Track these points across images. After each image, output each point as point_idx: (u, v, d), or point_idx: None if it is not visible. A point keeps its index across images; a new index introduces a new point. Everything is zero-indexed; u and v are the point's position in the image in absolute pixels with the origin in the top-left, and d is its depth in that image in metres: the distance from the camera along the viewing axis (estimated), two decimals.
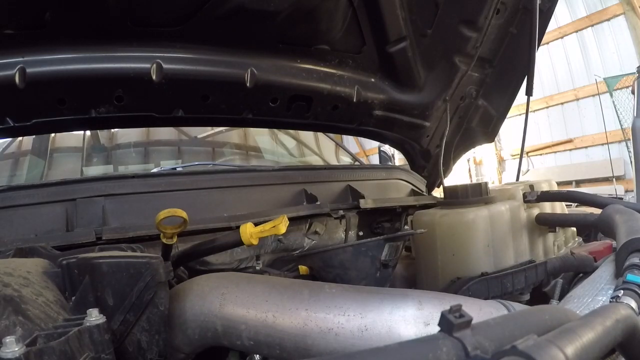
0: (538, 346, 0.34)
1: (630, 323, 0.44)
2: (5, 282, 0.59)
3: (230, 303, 0.73)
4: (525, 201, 1.26)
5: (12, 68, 1.04)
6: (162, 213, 0.74)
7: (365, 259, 0.97)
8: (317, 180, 1.46)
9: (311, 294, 0.70)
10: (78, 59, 1.11)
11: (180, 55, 1.23)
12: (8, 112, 1.14)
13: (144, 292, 0.63)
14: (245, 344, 0.71)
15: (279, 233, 0.84)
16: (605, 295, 0.74)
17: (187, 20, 1.17)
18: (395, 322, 0.63)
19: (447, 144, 1.77)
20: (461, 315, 0.37)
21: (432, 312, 0.64)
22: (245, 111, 1.44)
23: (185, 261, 0.95)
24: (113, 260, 0.64)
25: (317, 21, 1.32)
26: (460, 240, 1.11)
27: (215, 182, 1.26)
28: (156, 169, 2.13)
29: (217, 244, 0.89)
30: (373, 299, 0.67)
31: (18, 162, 2.30)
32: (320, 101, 1.51)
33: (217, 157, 2.62)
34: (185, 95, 1.31)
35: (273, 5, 1.19)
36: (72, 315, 0.62)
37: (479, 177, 9.55)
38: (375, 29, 1.43)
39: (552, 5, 1.56)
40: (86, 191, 1.07)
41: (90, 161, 2.38)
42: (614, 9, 6.67)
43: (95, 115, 1.22)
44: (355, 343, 0.64)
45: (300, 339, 0.66)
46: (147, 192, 1.14)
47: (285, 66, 1.40)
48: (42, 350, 0.49)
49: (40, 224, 1.00)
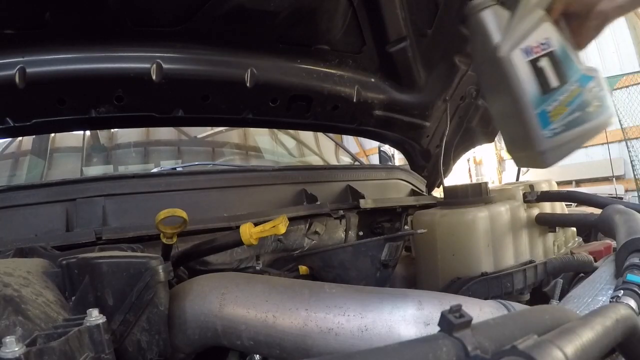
0: (538, 346, 0.34)
1: (630, 323, 0.44)
2: (5, 282, 0.59)
3: (230, 303, 0.73)
4: (525, 201, 1.26)
5: (12, 68, 1.04)
6: (162, 213, 0.74)
7: (365, 259, 0.98)
8: (317, 180, 1.47)
9: (311, 294, 0.70)
10: (78, 59, 1.11)
11: (180, 55, 1.23)
12: (8, 112, 1.14)
13: (144, 292, 0.63)
14: (245, 344, 0.71)
15: (279, 233, 0.84)
16: (605, 295, 0.74)
17: (187, 20, 1.17)
18: (395, 322, 0.63)
19: (447, 144, 1.77)
20: (461, 315, 0.37)
21: (432, 312, 0.64)
22: (245, 111, 1.44)
23: (185, 261, 0.95)
24: (113, 260, 0.64)
25: (317, 21, 1.32)
26: (460, 240, 1.11)
27: (215, 182, 1.26)
28: (156, 169, 2.13)
29: (217, 244, 0.89)
30: (373, 299, 0.67)
31: (18, 162, 2.30)
32: (320, 101, 1.51)
33: (217, 157, 2.62)
34: (185, 95, 1.31)
35: (273, 5, 1.19)
36: (72, 315, 0.62)
37: (479, 177, 9.55)
38: (375, 29, 1.43)
39: None
40: (86, 191, 1.07)
41: (90, 161, 2.38)
42: None
43: (95, 115, 1.22)
44: (355, 343, 0.64)
45: (300, 339, 0.66)
46: (147, 192, 1.14)
47: (285, 66, 1.40)
48: (42, 350, 0.49)
49: (40, 224, 1.00)
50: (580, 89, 1.05)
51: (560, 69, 1.03)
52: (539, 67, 1.01)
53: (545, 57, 1.01)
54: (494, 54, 1.01)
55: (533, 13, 1.02)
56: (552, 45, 1.03)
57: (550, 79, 1.02)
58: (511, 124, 1.09)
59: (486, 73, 1.08)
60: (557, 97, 1.01)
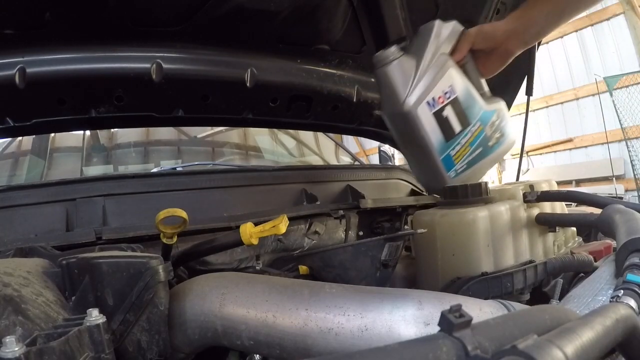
0: (538, 346, 0.34)
1: (630, 323, 0.44)
2: (5, 282, 0.59)
3: (230, 303, 0.73)
4: (525, 201, 1.26)
5: (12, 68, 1.04)
6: (162, 213, 0.74)
7: (365, 259, 0.97)
8: (317, 180, 1.47)
9: (311, 293, 0.70)
10: (78, 59, 1.11)
11: (180, 55, 1.23)
12: (8, 112, 1.14)
13: (144, 292, 0.63)
14: (245, 344, 0.71)
15: (279, 233, 0.84)
16: (605, 295, 0.74)
17: (187, 20, 1.17)
18: (395, 322, 0.63)
19: None
20: (461, 315, 0.37)
21: (432, 312, 0.64)
22: (245, 111, 1.44)
23: (185, 261, 0.95)
24: (113, 260, 0.64)
25: (317, 21, 1.32)
26: (460, 240, 1.11)
27: (215, 182, 1.26)
28: (156, 169, 2.13)
29: (217, 244, 0.89)
30: (373, 298, 0.67)
31: (18, 162, 2.30)
32: (320, 101, 1.51)
33: (217, 157, 2.62)
34: (185, 95, 1.31)
35: (273, 5, 1.19)
36: (72, 315, 0.62)
37: None
38: (375, 29, 1.43)
39: None
40: (86, 191, 1.07)
41: (90, 161, 2.38)
42: (613, 8, 6.67)
43: (95, 115, 1.22)
44: (355, 343, 0.64)
45: (300, 339, 0.66)
46: (147, 192, 1.14)
47: (285, 66, 1.40)
48: (42, 350, 0.49)
49: (40, 224, 1.00)
50: (482, 127, 1.14)
51: (463, 113, 1.10)
52: (444, 116, 1.08)
53: (449, 105, 1.08)
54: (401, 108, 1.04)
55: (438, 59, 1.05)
56: (455, 91, 1.09)
57: (454, 126, 1.09)
58: (421, 166, 1.19)
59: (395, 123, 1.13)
60: (460, 141, 1.10)
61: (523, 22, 1.09)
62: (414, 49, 1.08)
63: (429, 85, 1.03)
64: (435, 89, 1.04)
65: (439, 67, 1.04)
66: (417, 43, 1.08)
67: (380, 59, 1.04)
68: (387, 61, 1.03)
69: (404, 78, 1.03)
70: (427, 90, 1.03)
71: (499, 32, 1.11)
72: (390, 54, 1.03)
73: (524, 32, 1.10)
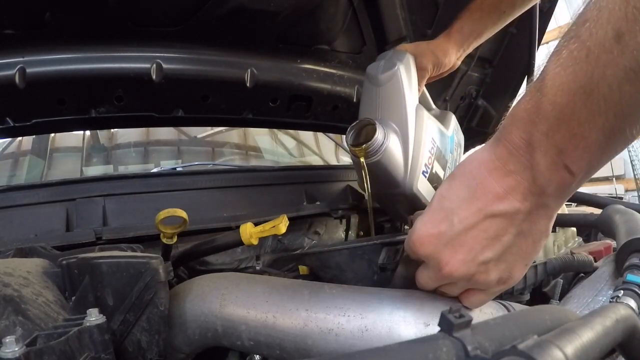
0: (538, 346, 0.34)
1: (630, 323, 0.44)
2: (5, 282, 0.59)
3: (230, 303, 0.73)
4: None
5: (12, 68, 1.04)
6: (162, 213, 0.74)
7: (361, 262, 0.97)
8: (317, 180, 1.46)
9: (311, 294, 0.70)
10: (78, 59, 1.11)
11: (180, 55, 1.23)
12: (8, 112, 1.14)
13: (144, 292, 0.63)
14: (246, 345, 0.71)
15: (279, 233, 0.84)
16: (605, 295, 0.74)
17: (187, 20, 1.17)
18: (395, 323, 0.63)
19: None
20: (461, 315, 0.37)
21: (432, 312, 0.64)
22: (245, 111, 1.44)
23: (185, 261, 0.95)
24: (113, 260, 0.64)
25: (317, 21, 1.32)
26: None
27: (215, 182, 1.26)
28: (156, 169, 2.13)
29: (217, 244, 0.89)
30: (373, 299, 0.67)
31: (18, 162, 2.30)
32: (320, 101, 1.51)
33: (217, 157, 2.61)
34: (185, 95, 1.31)
35: (273, 5, 1.19)
36: (72, 315, 0.62)
37: None
38: (375, 29, 1.43)
39: (552, 5, 1.56)
40: (86, 191, 1.07)
41: (90, 161, 2.38)
42: None
43: (95, 115, 1.22)
44: (356, 343, 0.64)
45: (300, 340, 0.66)
46: (147, 192, 1.14)
47: (285, 66, 1.40)
48: (42, 350, 0.49)
49: (40, 224, 1.00)
50: (452, 154, 1.16)
51: (443, 157, 1.10)
52: (434, 173, 1.07)
53: (435, 160, 1.07)
54: (403, 190, 1.02)
55: (418, 120, 1.01)
56: (436, 142, 1.07)
57: (440, 174, 1.09)
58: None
59: (393, 200, 1.10)
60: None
61: (463, 35, 1.11)
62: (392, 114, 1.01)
63: (421, 157, 1.00)
64: (424, 154, 1.01)
65: (421, 129, 1.00)
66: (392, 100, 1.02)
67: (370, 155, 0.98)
68: (378, 154, 0.97)
69: (396, 162, 0.99)
70: (421, 162, 1.00)
71: (453, 58, 1.12)
72: (379, 144, 0.96)
73: (469, 47, 1.14)
